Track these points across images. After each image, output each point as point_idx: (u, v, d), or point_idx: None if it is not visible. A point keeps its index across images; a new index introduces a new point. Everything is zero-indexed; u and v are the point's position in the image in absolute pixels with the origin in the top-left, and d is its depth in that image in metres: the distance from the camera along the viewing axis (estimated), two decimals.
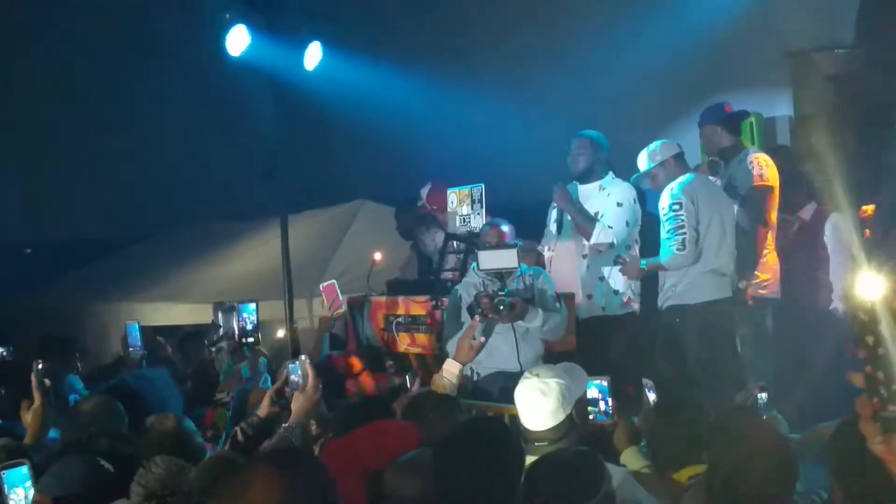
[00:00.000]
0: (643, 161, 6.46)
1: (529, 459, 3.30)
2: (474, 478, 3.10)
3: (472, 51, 10.18)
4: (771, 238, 6.57)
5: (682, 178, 6.30)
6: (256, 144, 8.25)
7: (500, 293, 5.58)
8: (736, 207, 6.48)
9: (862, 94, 8.22)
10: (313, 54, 7.90)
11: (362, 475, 3.41)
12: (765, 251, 6.54)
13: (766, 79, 8.99)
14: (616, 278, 6.64)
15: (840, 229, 6.35)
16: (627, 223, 6.69)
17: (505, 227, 6.03)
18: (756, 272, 6.50)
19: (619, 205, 6.70)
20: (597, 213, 6.70)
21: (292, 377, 3.96)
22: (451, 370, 5.19)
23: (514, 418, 4.25)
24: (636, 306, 6.76)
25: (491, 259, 5.66)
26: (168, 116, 11.77)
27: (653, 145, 6.48)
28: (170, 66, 11.06)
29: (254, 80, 7.80)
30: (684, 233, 6.11)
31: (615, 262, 6.49)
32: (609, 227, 6.62)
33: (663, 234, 6.17)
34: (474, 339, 5.41)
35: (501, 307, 5.55)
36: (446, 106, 9.86)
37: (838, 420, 2.89)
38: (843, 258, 6.33)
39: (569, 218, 6.78)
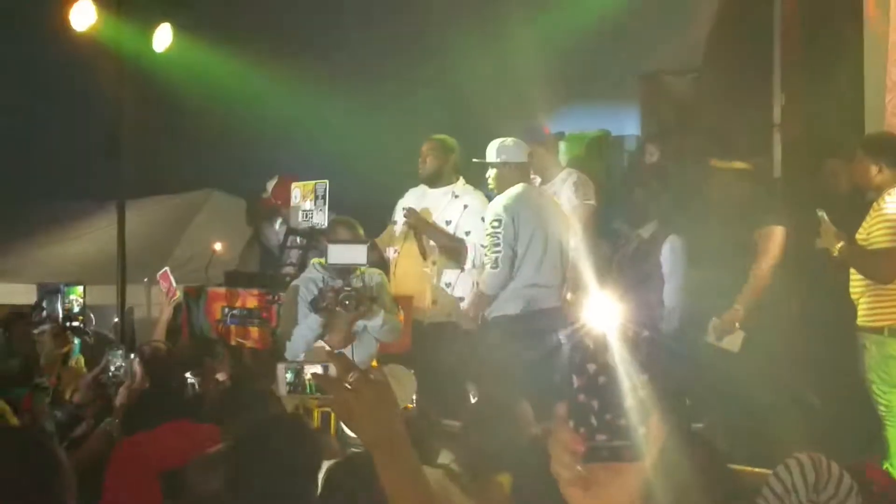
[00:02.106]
0: (491, 151, 6.53)
1: None
2: (267, 475, 3.07)
3: (330, 47, 10.11)
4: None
5: (510, 191, 6.40)
6: (100, 124, 8.01)
7: (345, 288, 5.57)
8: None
9: (699, 119, 8.48)
10: (163, 36, 7.74)
11: (156, 473, 3.33)
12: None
13: (617, 97, 9.18)
14: (462, 285, 6.68)
15: (677, 251, 6.50)
16: (482, 219, 6.73)
17: (356, 225, 6.01)
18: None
19: (465, 207, 6.75)
20: (448, 223, 6.71)
21: (112, 367, 3.85)
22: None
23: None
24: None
25: (341, 254, 5.63)
26: (5, 87, 11.31)
27: (507, 140, 6.56)
28: (9, 36, 10.65)
29: (99, 57, 7.59)
30: (499, 251, 6.23)
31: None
32: (467, 232, 6.65)
33: (485, 246, 6.29)
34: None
35: (347, 301, 5.54)
36: (301, 101, 9.79)
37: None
38: (678, 282, 6.48)
39: None
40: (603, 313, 1.37)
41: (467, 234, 6.65)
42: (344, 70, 9.86)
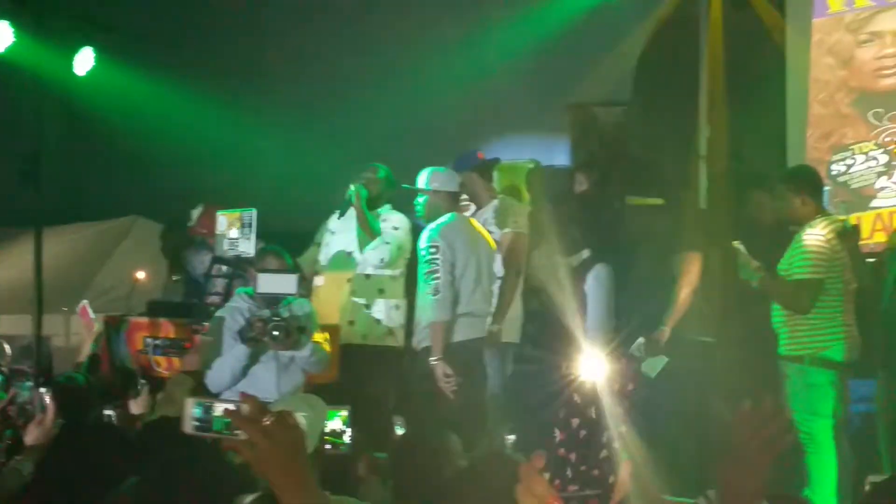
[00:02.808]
0: (423, 180, 6.53)
1: None
2: None
3: (259, 76, 10.05)
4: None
5: (443, 219, 6.40)
6: (19, 148, 7.84)
7: (274, 318, 5.49)
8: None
9: (629, 149, 8.57)
10: (85, 60, 7.62)
11: None
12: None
13: (547, 127, 9.24)
14: (380, 307, 6.66)
15: (600, 281, 6.54)
16: (399, 248, 6.72)
17: (285, 254, 5.94)
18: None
19: (395, 228, 6.77)
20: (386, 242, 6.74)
21: (18, 400, 3.74)
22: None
23: None
24: (399, 340, 6.76)
25: (270, 283, 5.55)
26: None
27: (440, 169, 6.56)
28: None
29: (17, 79, 7.43)
30: (438, 277, 6.22)
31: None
32: (386, 242, 6.65)
33: (423, 275, 6.27)
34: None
35: (277, 332, 5.46)
36: (228, 128, 9.70)
37: None
38: (602, 309, 6.52)
39: (336, 250, 6.77)
40: (592, 366, 1.35)
41: (387, 244, 6.73)
42: (271, 96, 9.79)
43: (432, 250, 6.27)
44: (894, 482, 2.90)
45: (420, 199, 6.57)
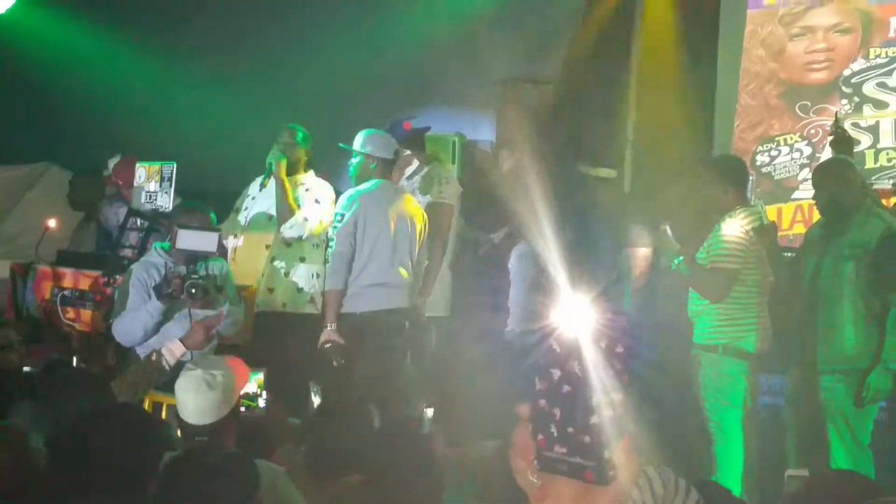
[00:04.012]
0: (358, 141, 6.42)
1: None
2: (94, 461, 2.89)
3: (187, 29, 9.79)
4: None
5: (365, 186, 6.31)
6: None
7: (193, 276, 5.38)
8: None
9: (556, 128, 8.56)
10: None
11: None
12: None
13: (472, 102, 9.19)
14: (301, 274, 6.51)
15: (525, 258, 6.52)
16: (320, 223, 6.59)
17: (208, 211, 5.80)
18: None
19: (316, 202, 6.60)
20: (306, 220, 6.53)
21: None
22: (174, 351, 4.91)
23: (172, 409, 4.07)
24: (318, 308, 6.62)
25: (191, 240, 5.42)
26: None
27: (377, 133, 6.46)
28: None
29: None
30: (332, 246, 6.16)
31: None
32: (305, 219, 6.52)
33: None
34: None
35: (194, 290, 5.35)
36: (152, 80, 9.47)
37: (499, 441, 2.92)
38: (524, 287, 6.50)
39: (256, 212, 6.62)
40: (575, 318, 1.28)
41: (305, 220, 6.56)
42: (201, 49, 9.56)
43: (338, 217, 6.20)
44: (823, 479, 2.93)
45: (353, 161, 6.46)
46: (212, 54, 9.53)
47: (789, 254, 6.19)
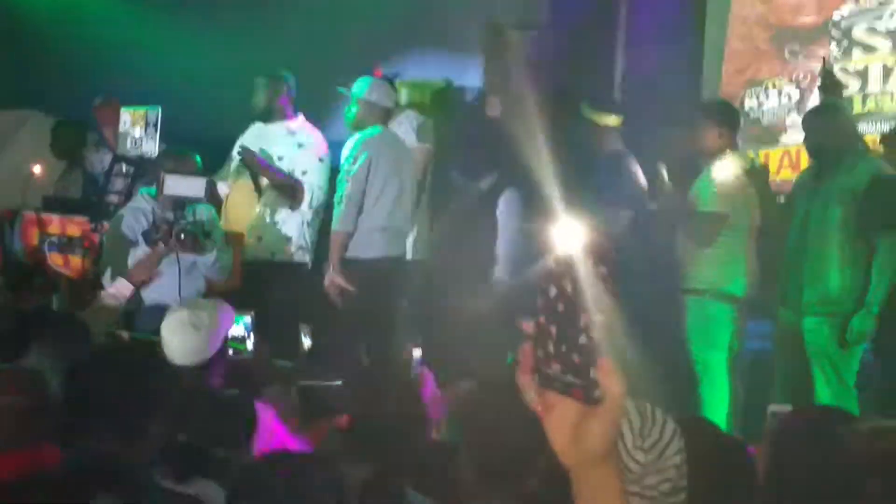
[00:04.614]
0: (362, 88, 6.38)
1: None
2: (103, 399, 2.90)
3: None
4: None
5: (372, 132, 6.30)
6: None
7: (181, 222, 5.37)
8: None
9: (545, 74, 8.52)
10: None
11: None
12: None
13: (460, 47, 9.12)
14: (290, 224, 6.49)
15: (512, 205, 6.54)
16: (320, 159, 6.53)
17: (194, 157, 5.77)
18: None
19: (300, 146, 6.53)
20: (280, 159, 6.46)
21: None
22: (122, 291, 4.93)
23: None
24: (308, 256, 6.61)
25: (179, 186, 5.41)
26: None
27: (376, 81, 6.43)
28: None
29: None
30: (347, 187, 6.14)
31: None
32: (304, 172, 6.46)
33: (338, 182, 6.19)
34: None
35: (183, 236, 5.35)
36: (132, 22, 9.37)
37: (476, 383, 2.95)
38: (511, 233, 6.52)
39: None
40: (568, 238, 1.29)
41: (304, 173, 6.47)
42: None
43: (350, 160, 6.17)
44: (801, 411, 2.97)
45: (353, 109, 6.43)
46: None
47: (781, 198, 6.19)
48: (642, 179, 6.34)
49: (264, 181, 6.49)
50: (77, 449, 2.80)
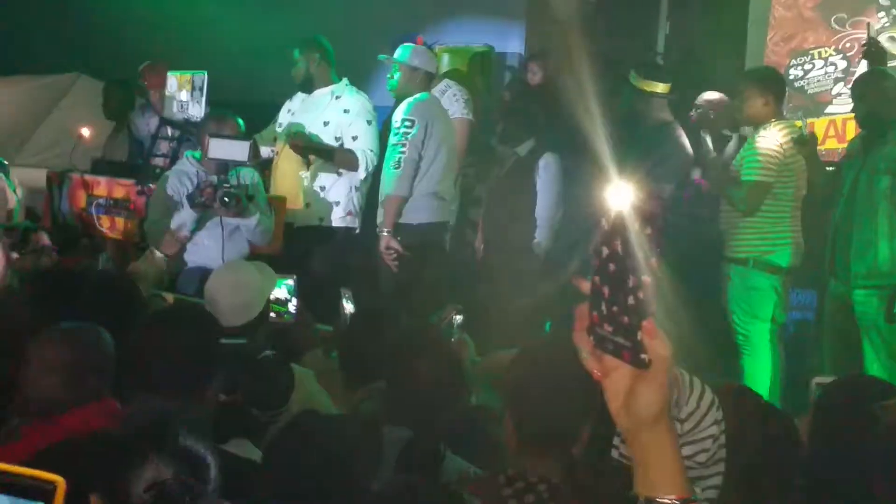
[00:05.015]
0: (405, 54, 6.40)
1: None
2: (163, 361, 2.96)
3: None
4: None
5: (423, 97, 6.31)
6: None
7: (225, 185, 5.41)
8: None
9: (589, 41, 8.46)
10: None
11: None
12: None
13: (501, 13, 9.09)
14: (338, 189, 6.48)
15: (550, 170, 6.51)
16: (368, 122, 6.48)
17: (238, 121, 5.80)
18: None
19: (345, 111, 6.49)
20: (327, 124, 6.44)
21: None
22: (156, 259, 5.00)
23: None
24: (357, 221, 6.62)
25: (222, 149, 5.44)
26: None
27: (419, 47, 6.45)
28: None
29: None
30: (403, 151, 6.14)
31: None
32: (354, 137, 6.42)
33: (390, 146, 6.21)
34: (181, 231, 5.31)
35: (227, 199, 5.38)
36: None
37: (517, 349, 2.95)
38: (551, 197, 6.51)
39: (296, 122, 6.56)
40: (619, 199, 1.30)
41: (354, 139, 6.45)
42: None
43: (406, 124, 6.17)
44: (845, 381, 2.96)
45: (395, 75, 6.45)
46: None
47: (831, 167, 6.13)
48: (688, 148, 6.31)
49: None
50: (133, 408, 2.85)
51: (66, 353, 2.89)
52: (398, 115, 6.23)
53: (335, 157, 6.39)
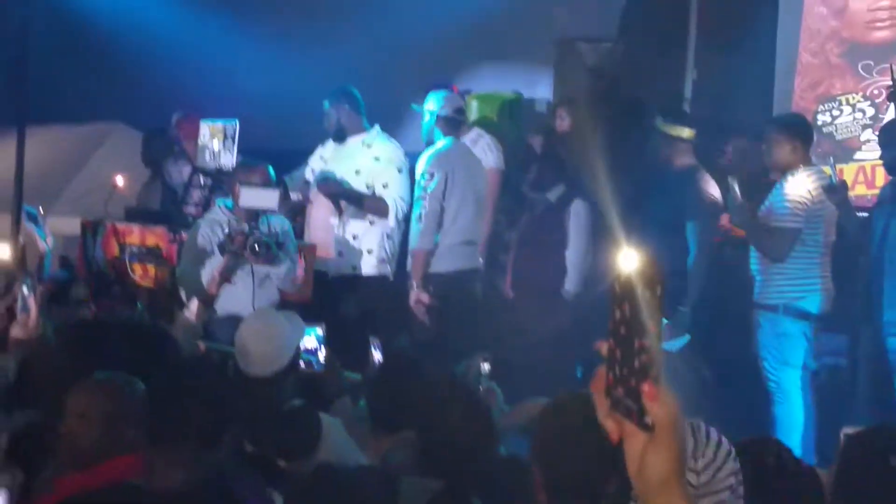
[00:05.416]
0: (437, 102, 6.52)
1: None
2: (186, 413, 2.98)
3: None
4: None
5: (445, 145, 6.39)
6: (5, 48, 7.73)
7: (255, 233, 5.46)
8: None
9: (617, 87, 8.53)
10: None
11: None
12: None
13: (530, 59, 9.17)
14: (370, 238, 6.51)
15: (582, 216, 6.55)
16: (398, 170, 6.53)
17: (268, 169, 5.87)
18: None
19: (376, 159, 6.55)
20: (358, 172, 6.49)
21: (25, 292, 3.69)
22: (192, 308, 5.05)
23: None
24: (390, 268, 6.64)
25: (252, 197, 5.51)
26: None
27: (445, 93, 6.60)
28: None
29: None
30: (425, 205, 6.22)
31: None
32: (385, 185, 6.46)
33: (415, 199, 6.29)
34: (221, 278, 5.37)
35: (257, 247, 5.43)
36: (211, 38, 9.56)
37: (546, 399, 2.96)
38: (582, 244, 6.54)
39: (329, 171, 6.62)
40: (626, 262, 1.32)
41: (385, 186, 6.51)
42: (262, 9, 9.65)
43: (426, 177, 6.25)
44: (868, 433, 2.94)
45: (427, 122, 6.54)
46: (272, 14, 9.61)
47: (863, 213, 6.12)
48: (715, 193, 6.32)
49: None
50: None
51: (104, 404, 2.92)
52: (420, 168, 6.31)
53: (364, 203, 6.44)
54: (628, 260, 1.33)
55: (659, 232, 6.09)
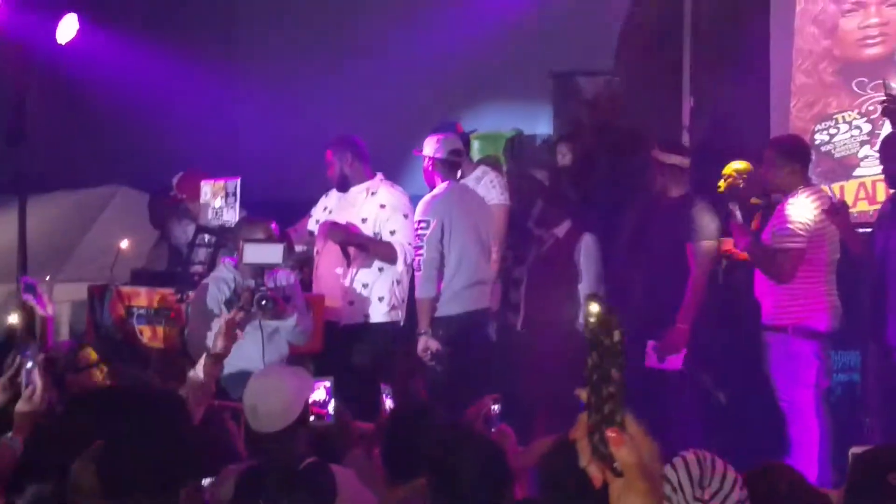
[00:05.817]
0: (435, 146, 6.54)
1: None
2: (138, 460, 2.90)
3: (238, 41, 9.99)
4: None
5: (439, 191, 6.41)
6: (2, 117, 7.81)
7: (261, 289, 5.46)
8: None
9: (615, 119, 8.58)
10: (67, 26, 7.55)
11: None
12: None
13: (528, 96, 9.23)
14: (381, 285, 6.50)
15: (591, 250, 6.58)
16: (405, 216, 6.51)
17: (270, 224, 5.89)
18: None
19: (381, 206, 6.52)
20: (364, 220, 6.49)
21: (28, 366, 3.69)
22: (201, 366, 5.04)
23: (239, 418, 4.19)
24: (401, 314, 6.62)
25: (257, 253, 5.50)
26: None
27: (440, 136, 6.61)
28: None
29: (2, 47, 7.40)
30: (422, 253, 6.25)
31: None
32: (392, 231, 6.44)
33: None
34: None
35: (264, 302, 5.42)
36: (210, 94, 9.66)
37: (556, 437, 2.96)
38: (593, 277, 6.56)
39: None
40: (591, 311, 1.34)
41: (392, 233, 6.49)
42: (255, 65, 9.75)
43: (423, 225, 6.27)
44: (874, 452, 2.93)
45: (425, 166, 6.58)
46: (267, 65, 9.70)
47: (866, 230, 6.12)
48: (707, 219, 6.29)
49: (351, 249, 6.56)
50: None
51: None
52: (417, 214, 6.33)
53: (371, 249, 6.46)
54: (591, 308, 1.35)
55: (658, 261, 6.11)
